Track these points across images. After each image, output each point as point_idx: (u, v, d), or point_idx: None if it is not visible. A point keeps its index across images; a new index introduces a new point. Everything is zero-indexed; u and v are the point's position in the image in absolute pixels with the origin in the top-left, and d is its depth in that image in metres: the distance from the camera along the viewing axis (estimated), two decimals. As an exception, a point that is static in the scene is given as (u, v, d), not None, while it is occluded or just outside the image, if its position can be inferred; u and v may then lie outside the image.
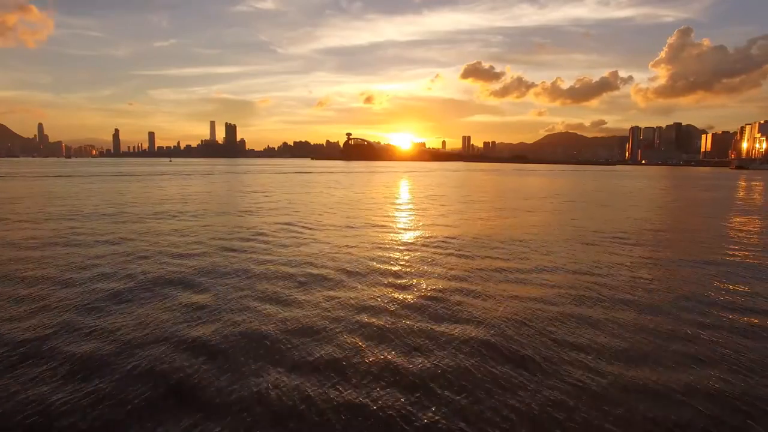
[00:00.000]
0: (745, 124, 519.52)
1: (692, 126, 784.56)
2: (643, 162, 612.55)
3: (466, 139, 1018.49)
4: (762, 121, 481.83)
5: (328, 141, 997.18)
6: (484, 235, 24.73)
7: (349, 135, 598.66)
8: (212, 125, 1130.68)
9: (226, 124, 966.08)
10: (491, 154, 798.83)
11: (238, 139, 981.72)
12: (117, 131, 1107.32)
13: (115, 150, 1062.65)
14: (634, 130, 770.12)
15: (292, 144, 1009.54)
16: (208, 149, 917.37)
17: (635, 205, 45.36)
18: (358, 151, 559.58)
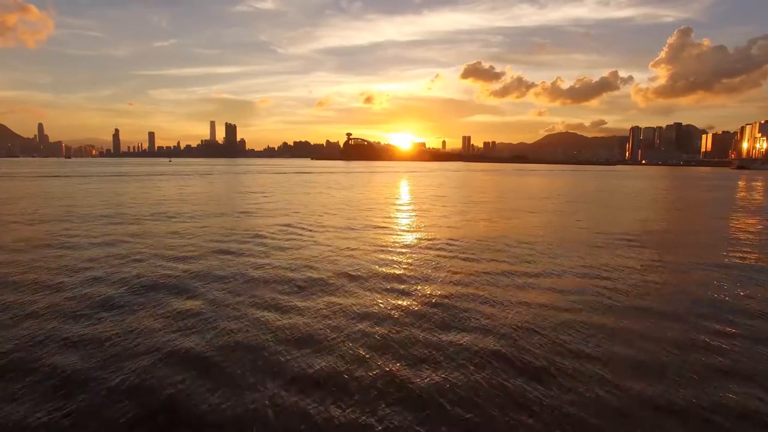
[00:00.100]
0: (746, 124, 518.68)
1: (692, 126, 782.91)
2: (643, 162, 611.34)
3: (466, 139, 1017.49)
4: (762, 121, 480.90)
5: (328, 141, 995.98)
6: (488, 236, 24.15)
7: (349, 135, 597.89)
8: (212, 125, 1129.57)
9: (226, 124, 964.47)
10: (491, 154, 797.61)
11: (238, 139, 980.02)
12: (117, 131, 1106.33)
13: (115, 150, 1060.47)
14: (634, 130, 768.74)
15: (292, 144, 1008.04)
16: (208, 149, 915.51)
17: (638, 205, 44.82)
18: (358, 151, 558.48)
